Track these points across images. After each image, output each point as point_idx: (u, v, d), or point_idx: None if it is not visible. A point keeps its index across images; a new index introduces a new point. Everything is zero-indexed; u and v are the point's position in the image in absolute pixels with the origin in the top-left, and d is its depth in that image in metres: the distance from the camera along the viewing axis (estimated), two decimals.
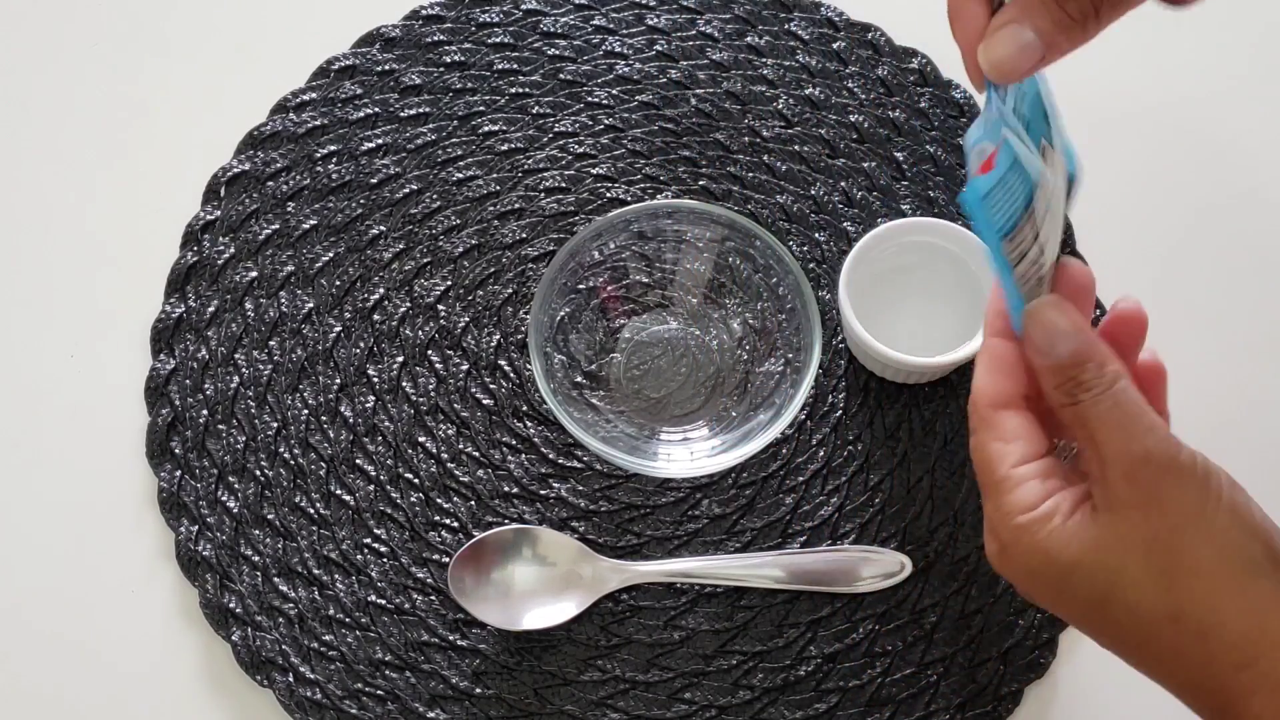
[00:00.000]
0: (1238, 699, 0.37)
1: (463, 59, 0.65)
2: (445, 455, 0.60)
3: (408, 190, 0.63)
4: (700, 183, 0.63)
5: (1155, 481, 0.38)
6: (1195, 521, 0.37)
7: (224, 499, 0.59)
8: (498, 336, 0.61)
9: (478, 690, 0.57)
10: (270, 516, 0.59)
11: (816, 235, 0.63)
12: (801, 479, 0.60)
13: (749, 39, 0.66)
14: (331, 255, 0.62)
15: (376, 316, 0.61)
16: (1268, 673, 0.37)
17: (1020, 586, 0.41)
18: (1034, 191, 0.39)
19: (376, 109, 0.64)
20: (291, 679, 0.57)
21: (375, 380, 0.61)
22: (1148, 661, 0.40)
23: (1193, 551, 0.37)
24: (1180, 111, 0.66)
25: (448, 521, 0.59)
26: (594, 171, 0.64)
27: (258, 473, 0.59)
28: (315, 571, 0.58)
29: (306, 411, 0.60)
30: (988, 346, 0.42)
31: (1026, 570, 0.40)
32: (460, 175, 0.63)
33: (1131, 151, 0.65)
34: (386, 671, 0.57)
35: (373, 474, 0.59)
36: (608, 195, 0.63)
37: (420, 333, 0.61)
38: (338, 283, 0.62)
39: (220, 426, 0.60)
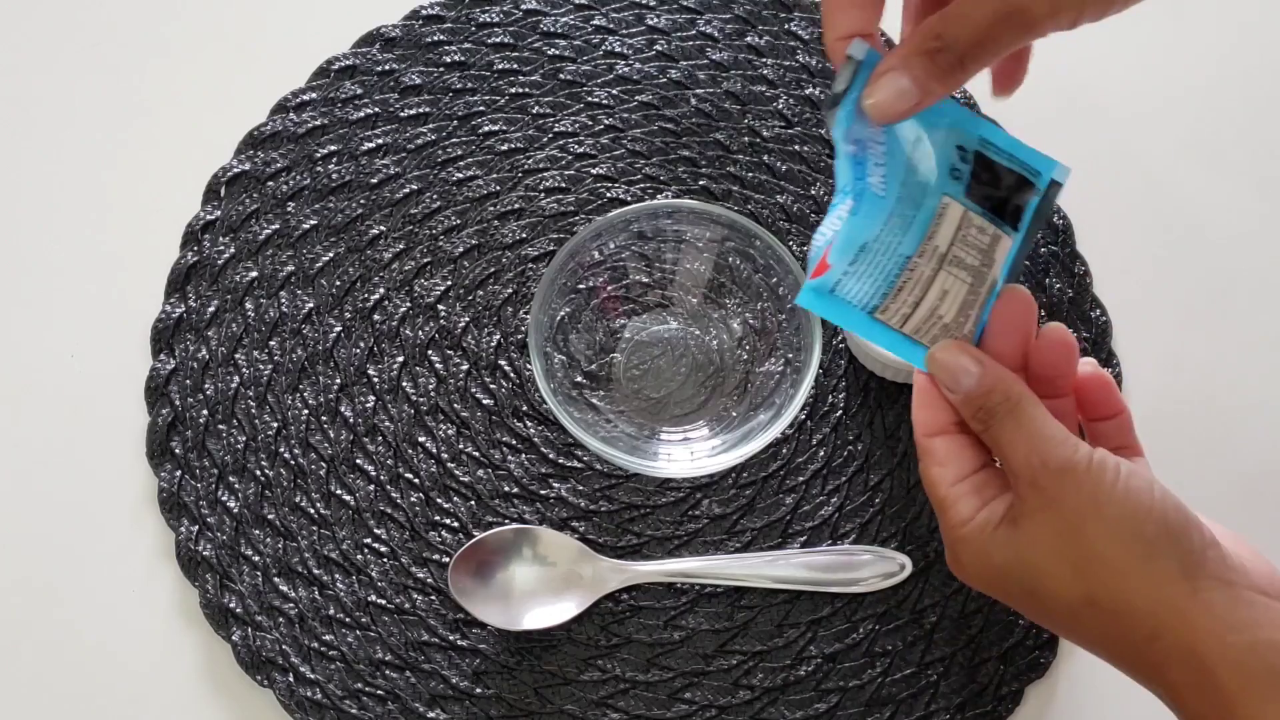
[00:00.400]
0: (1156, 669, 0.42)
1: (463, 59, 0.65)
2: (445, 455, 0.60)
3: (408, 190, 0.63)
4: (700, 183, 0.63)
5: (1053, 485, 0.42)
6: (1092, 514, 0.41)
7: (224, 499, 0.59)
8: (498, 336, 0.61)
9: (478, 690, 0.57)
10: (270, 516, 0.59)
11: None
12: (801, 479, 0.60)
13: (749, 39, 0.66)
14: (331, 255, 0.62)
15: (376, 316, 0.61)
16: (1175, 644, 0.41)
17: (977, 587, 0.45)
18: (909, 259, 0.44)
19: (376, 109, 0.64)
20: (292, 679, 0.57)
21: (375, 380, 0.61)
22: (1083, 640, 0.44)
23: (1094, 541, 0.41)
24: (1179, 108, 0.66)
25: (448, 521, 0.59)
26: (594, 171, 0.64)
27: (258, 473, 0.59)
28: (315, 571, 0.58)
29: (306, 411, 0.60)
30: (916, 382, 0.46)
31: (976, 573, 0.44)
32: (460, 175, 0.63)
33: (1130, 148, 0.65)
34: (387, 671, 0.57)
35: (373, 474, 0.59)
36: (608, 195, 0.63)
37: (420, 333, 0.61)
38: (338, 283, 0.62)
39: (220, 426, 0.60)
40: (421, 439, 0.60)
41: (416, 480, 0.59)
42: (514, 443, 0.60)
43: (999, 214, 0.43)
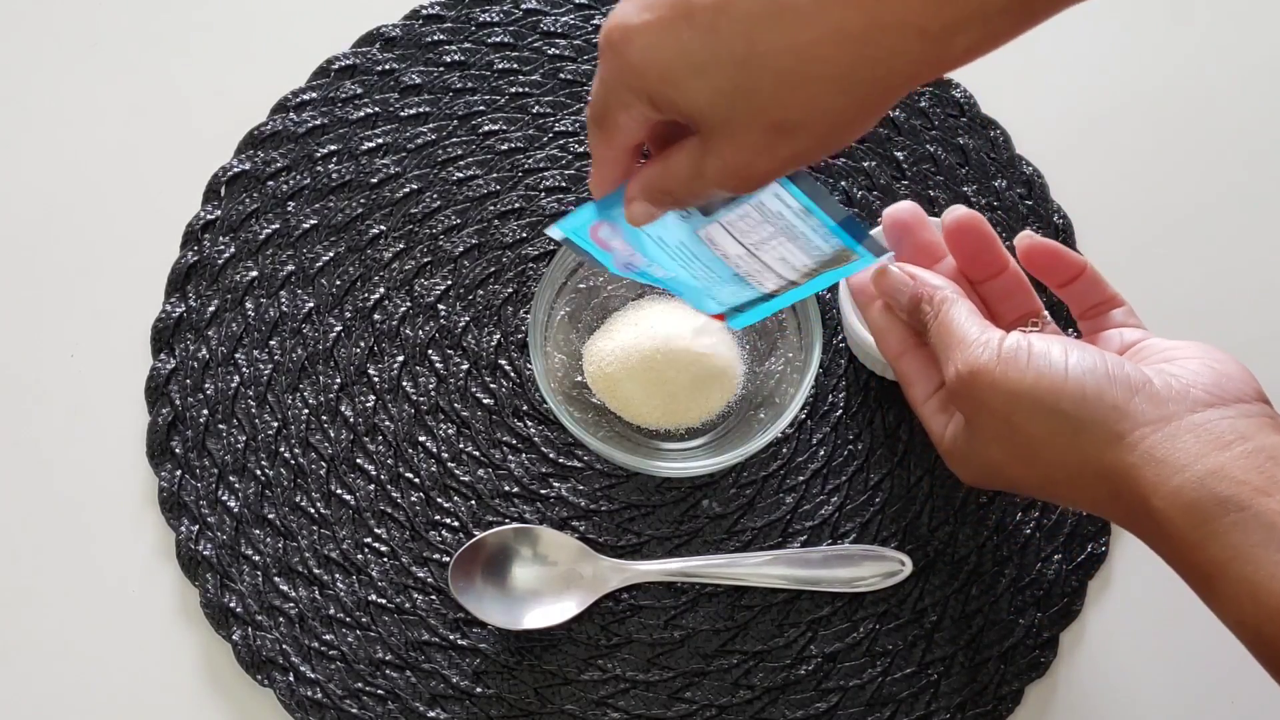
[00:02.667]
0: (1128, 523, 0.44)
1: (463, 59, 0.65)
2: (445, 455, 0.60)
3: (408, 190, 0.63)
4: None
5: (974, 391, 0.45)
6: (1013, 407, 0.44)
7: (224, 498, 0.59)
8: (498, 336, 0.61)
9: (478, 690, 0.57)
10: (270, 516, 0.59)
11: None
12: (802, 478, 0.60)
13: None
14: (332, 255, 0.62)
15: (377, 316, 0.61)
16: (1131, 501, 0.42)
17: (975, 485, 0.49)
18: (736, 275, 0.50)
19: (376, 109, 0.64)
20: (292, 678, 0.57)
21: (375, 380, 0.61)
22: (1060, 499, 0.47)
23: (1024, 430, 0.44)
24: (1179, 108, 0.66)
25: (448, 521, 0.59)
26: None
27: (258, 472, 0.59)
28: (315, 571, 0.58)
29: (307, 411, 0.60)
30: (871, 316, 0.51)
31: (967, 476, 0.48)
32: (460, 175, 0.63)
33: (1130, 148, 0.65)
34: (387, 671, 0.57)
35: (373, 473, 0.59)
36: None
37: (420, 332, 0.61)
38: (338, 282, 0.62)
39: (220, 426, 0.60)
40: (422, 438, 0.60)
41: (417, 480, 0.59)
42: (514, 442, 0.60)
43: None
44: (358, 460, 0.60)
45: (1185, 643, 0.58)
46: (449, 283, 0.62)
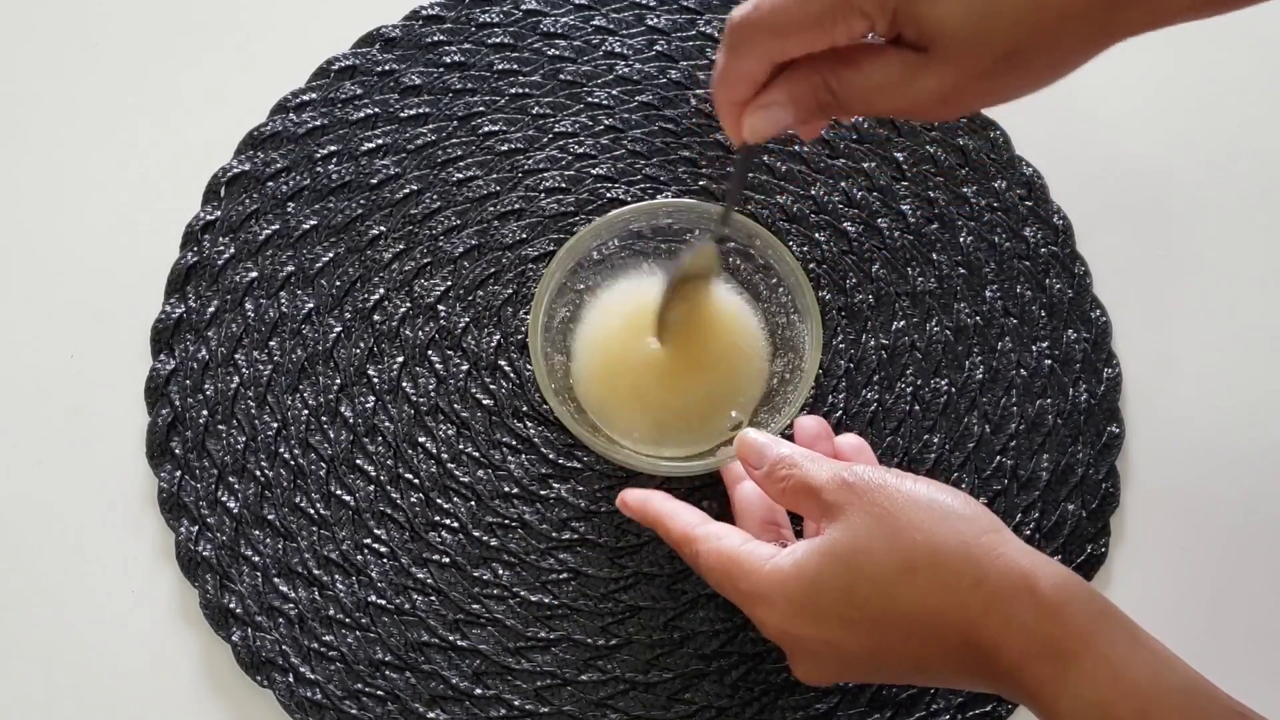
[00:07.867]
0: (978, 621, 0.44)
1: (463, 59, 0.65)
2: (445, 455, 0.60)
3: (408, 190, 0.63)
4: (700, 183, 0.63)
5: (859, 480, 0.47)
6: (896, 490, 0.47)
7: (224, 499, 0.59)
8: (498, 336, 0.61)
9: (478, 690, 0.57)
10: (270, 517, 0.59)
11: (816, 235, 0.63)
12: None
13: None
14: (331, 255, 0.62)
15: (376, 317, 0.61)
16: (996, 587, 0.44)
17: (794, 629, 0.47)
18: None
19: (376, 109, 0.64)
20: (291, 679, 0.57)
21: (375, 380, 0.61)
22: (902, 628, 0.46)
23: (901, 510, 0.46)
24: (1179, 108, 0.66)
25: (448, 522, 0.59)
26: (594, 171, 0.64)
27: (258, 473, 0.59)
28: (315, 572, 0.58)
29: (306, 412, 0.60)
30: (659, 502, 0.54)
31: (791, 603, 0.47)
32: (460, 175, 0.63)
33: (1130, 149, 0.65)
34: (386, 672, 0.57)
35: (373, 474, 0.59)
36: (608, 195, 0.63)
37: (420, 333, 0.61)
38: (338, 283, 0.62)
39: (220, 427, 0.60)
40: (421, 439, 0.60)
41: (416, 480, 0.59)
42: (514, 443, 0.60)
43: None
44: (357, 461, 0.60)
45: (1184, 644, 0.58)
46: (449, 283, 0.62)
